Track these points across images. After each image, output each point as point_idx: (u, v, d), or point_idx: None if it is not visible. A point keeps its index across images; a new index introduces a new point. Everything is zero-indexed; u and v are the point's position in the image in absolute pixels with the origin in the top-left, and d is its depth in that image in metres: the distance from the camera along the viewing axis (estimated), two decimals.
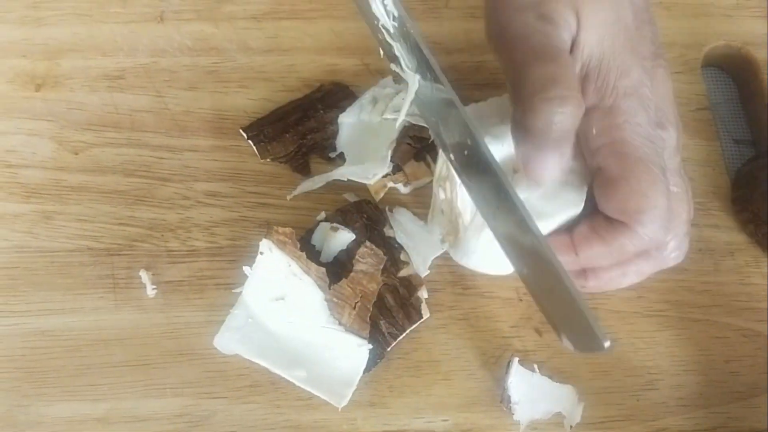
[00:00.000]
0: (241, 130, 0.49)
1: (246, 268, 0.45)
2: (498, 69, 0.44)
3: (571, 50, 0.35)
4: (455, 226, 0.43)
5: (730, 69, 0.57)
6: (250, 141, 0.48)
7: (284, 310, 0.44)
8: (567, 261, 0.38)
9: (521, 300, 0.46)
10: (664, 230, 0.36)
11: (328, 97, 0.50)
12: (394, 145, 0.46)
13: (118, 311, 0.45)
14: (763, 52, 0.55)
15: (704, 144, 0.52)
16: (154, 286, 0.45)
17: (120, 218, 0.47)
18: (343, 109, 0.49)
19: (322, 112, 0.49)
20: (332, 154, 0.49)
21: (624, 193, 0.35)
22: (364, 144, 0.48)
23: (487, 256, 0.42)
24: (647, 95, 0.35)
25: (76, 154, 0.49)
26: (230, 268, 0.46)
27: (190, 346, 0.44)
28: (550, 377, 0.44)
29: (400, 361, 0.45)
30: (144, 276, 0.45)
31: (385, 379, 0.44)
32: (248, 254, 0.45)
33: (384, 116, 0.47)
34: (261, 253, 0.43)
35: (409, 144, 0.47)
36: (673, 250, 0.39)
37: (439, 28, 0.54)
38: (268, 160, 0.49)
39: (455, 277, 0.47)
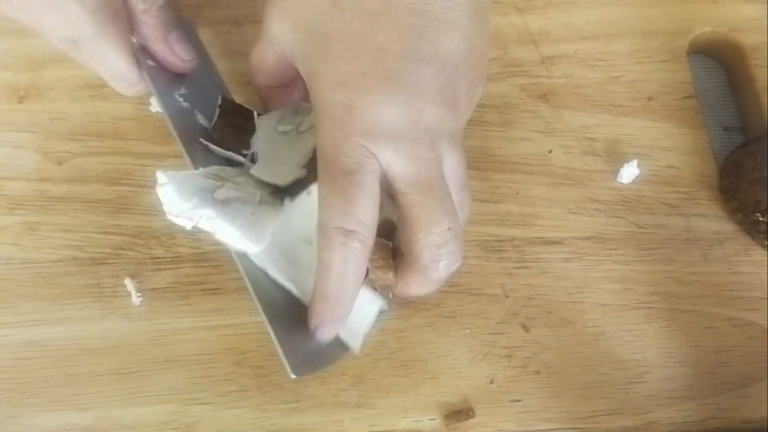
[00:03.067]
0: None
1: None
2: None
3: None
4: None
5: (717, 55, 0.56)
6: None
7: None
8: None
9: (507, 296, 0.46)
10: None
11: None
12: (310, 156, 0.45)
13: (104, 320, 0.45)
14: (751, 38, 0.54)
15: (691, 132, 0.51)
16: (140, 294, 0.45)
17: (104, 227, 0.47)
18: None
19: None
20: (245, 152, 0.47)
21: None
22: (279, 150, 0.47)
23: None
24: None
25: (60, 164, 0.49)
26: (215, 273, 0.46)
27: (176, 353, 0.44)
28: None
29: (387, 361, 0.45)
30: (129, 284, 0.45)
31: (372, 380, 0.44)
32: (232, 259, 0.45)
33: (300, 129, 0.47)
34: (308, 193, 0.42)
35: None
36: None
37: None
38: None
39: None
